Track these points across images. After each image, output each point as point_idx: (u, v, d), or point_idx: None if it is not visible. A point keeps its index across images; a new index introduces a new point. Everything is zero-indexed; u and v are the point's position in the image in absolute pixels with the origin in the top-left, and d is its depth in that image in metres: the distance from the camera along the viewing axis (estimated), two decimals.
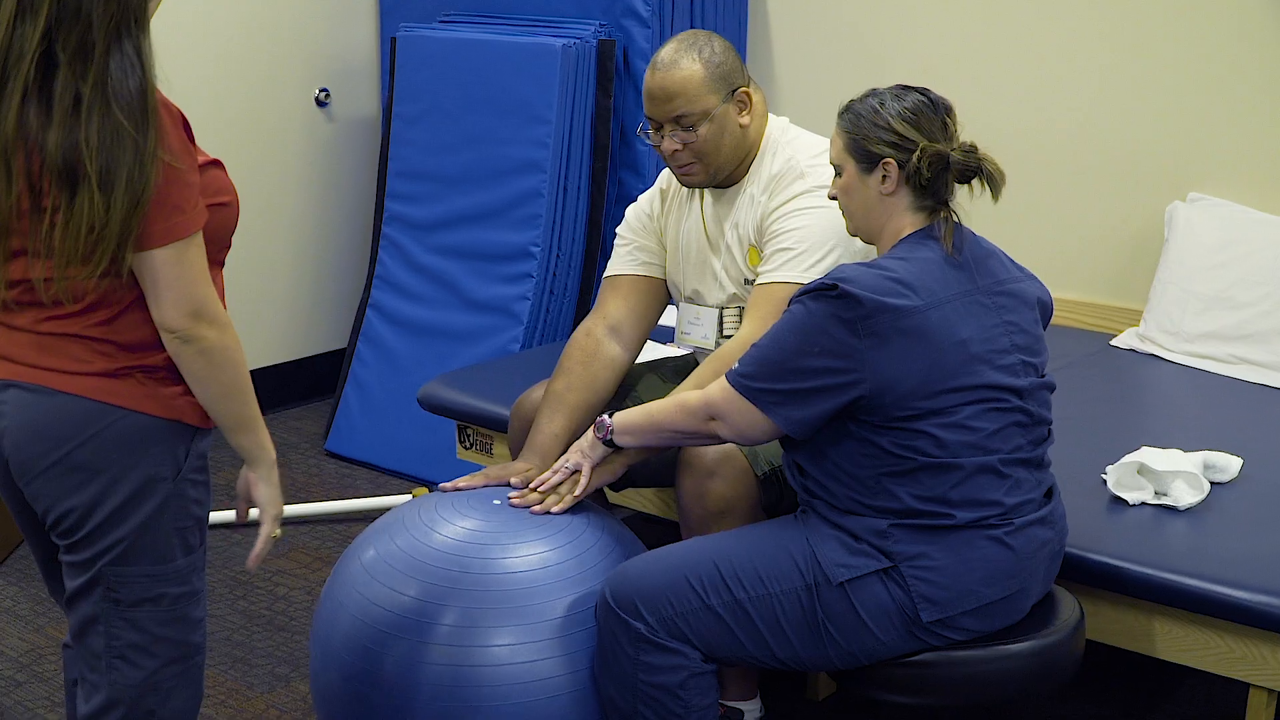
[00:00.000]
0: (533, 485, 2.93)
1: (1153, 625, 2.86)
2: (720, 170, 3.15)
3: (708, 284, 3.25)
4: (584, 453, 2.93)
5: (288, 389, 5.57)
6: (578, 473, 2.93)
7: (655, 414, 2.82)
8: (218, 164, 2.31)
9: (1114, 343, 4.30)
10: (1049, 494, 2.73)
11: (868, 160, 2.66)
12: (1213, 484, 3.16)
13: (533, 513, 2.87)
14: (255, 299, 5.39)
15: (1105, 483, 3.16)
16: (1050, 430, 2.74)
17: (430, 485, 4.67)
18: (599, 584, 2.75)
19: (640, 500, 3.60)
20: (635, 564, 2.75)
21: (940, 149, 2.62)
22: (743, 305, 3.19)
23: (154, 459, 2.24)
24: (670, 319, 3.56)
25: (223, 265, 2.34)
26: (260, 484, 2.40)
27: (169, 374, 2.25)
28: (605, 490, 3.21)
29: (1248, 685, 2.80)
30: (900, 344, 2.53)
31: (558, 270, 4.81)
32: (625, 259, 3.36)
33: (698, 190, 3.26)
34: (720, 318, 3.25)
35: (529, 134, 4.77)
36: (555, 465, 2.96)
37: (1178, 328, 4.14)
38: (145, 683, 2.32)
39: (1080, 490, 3.13)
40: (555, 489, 2.92)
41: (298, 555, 4.25)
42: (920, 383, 2.54)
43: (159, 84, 2.16)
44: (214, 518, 4.30)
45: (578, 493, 2.90)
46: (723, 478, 2.94)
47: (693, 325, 3.32)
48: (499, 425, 3.73)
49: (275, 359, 5.52)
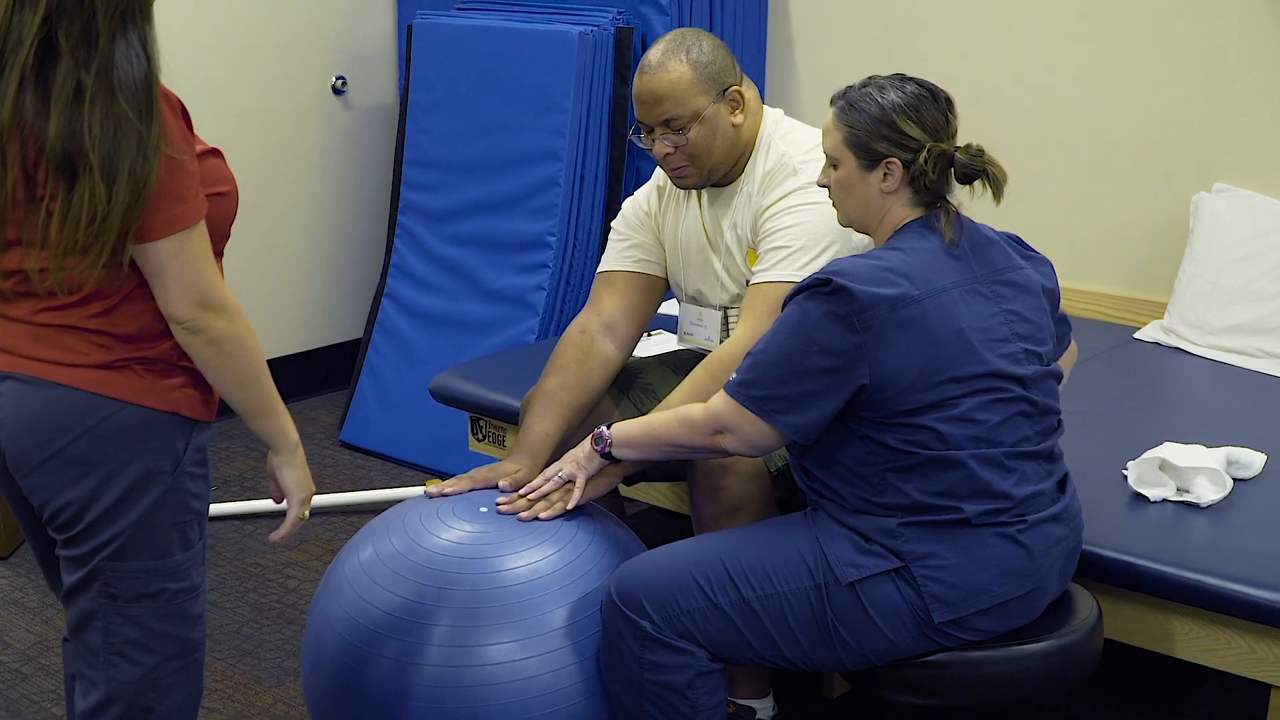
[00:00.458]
0: (523, 492, 2.86)
1: (1173, 625, 2.82)
2: (715, 171, 3.09)
3: (710, 284, 3.20)
4: (579, 464, 2.85)
5: (303, 379, 5.54)
6: (571, 483, 2.86)
7: (657, 428, 2.75)
8: (216, 153, 2.27)
9: (1137, 335, 4.26)
10: (1062, 488, 2.69)
11: (870, 157, 2.62)
12: (1236, 480, 3.12)
13: (520, 519, 2.80)
14: (271, 288, 5.38)
15: (1126, 479, 3.12)
16: (1060, 421, 2.70)
17: (445, 478, 4.63)
18: (596, 589, 2.70)
19: (654, 494, 3.57)
20: (641, 561, 2.71)
21: (945, 149, 2.59)
22: None
23: (152, 452, 2.21)
24: (672, 308, 3.51)
25: (222, 255, 2.31)
26: (285, 468, 2.39)
27: (167, 366, 2.22)
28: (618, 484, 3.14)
29: (1270, 687, 2.75)
30: (899, 336, 2.50)
31: (574, 260, 4.77)
32: (621, 255, 3.29)
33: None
34: (725, 319, 3.19)
35: (546, 122, 4.73)
36: (548, 473, 2.88)
37: (1202, 321, 4.09)
38: (143, 679, 2.29)
39: (1101, 486, 3.10)
40: (546, 497, 2.85)
41: (310, 548, 4.22)
42: (920, 374, 2.51)
43: (161, 74, 2.13)
44: (226, 509, 4.29)
45: (570, 505, 2.82)
46: (736, 474, 2.91)
47: (696, 326, 3.26)
48: (511, 417, 3.70)
49: (291, 349, 5.50)
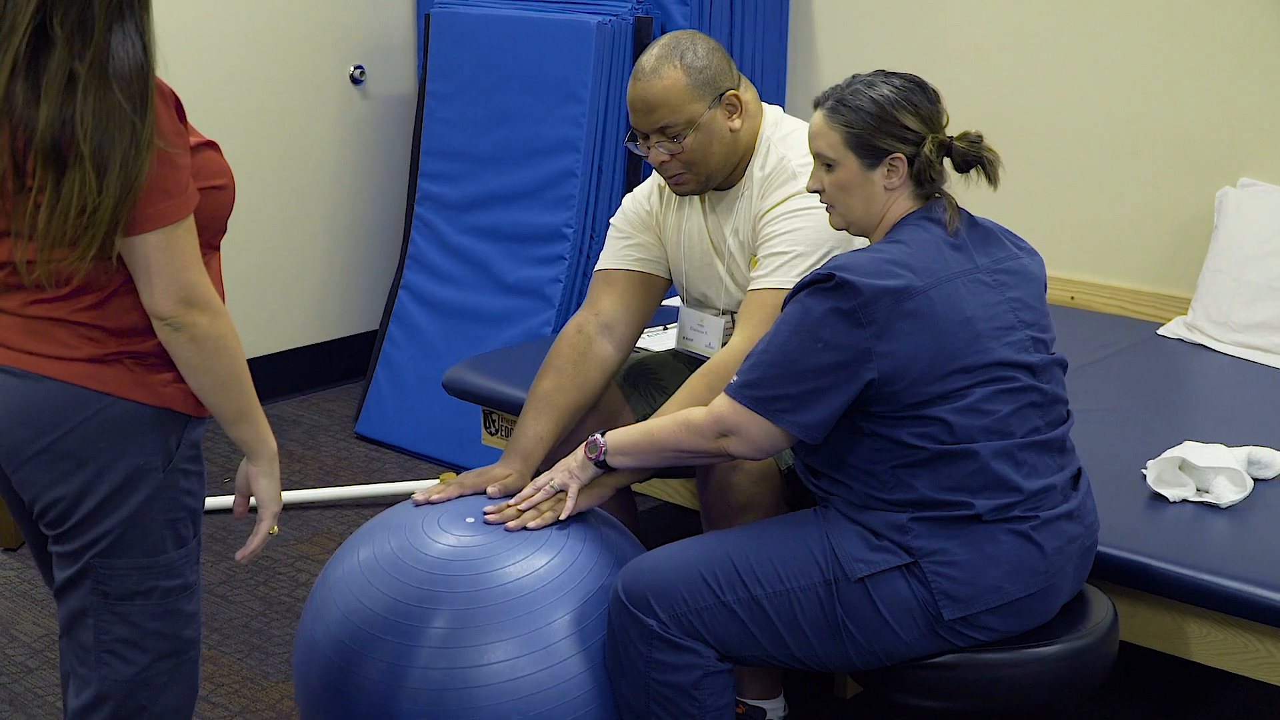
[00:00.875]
0: (513, 502, 2.78)
1: (1190, 628, 2.78)
2: (713, 177, 3.02)
3: (714, 288, 3.14)
4: (572, 473, 2.77)
5: (319, 371, 5.52)
6: (563, 492, 2.78)
7: (656, 433, 2.69)
8: (212, 145, 2.23)
9: (1161, 331, 4.20)
10: (1075, 484, 2.65)
11: (873, 155, 2.58)
12: (1257, 481, 3.06)
13: (508, 529, 2.71)
14: (287, 279, 5.36)
15: (1145, 478, 3.07)
16: (1069, 411, 2.66)
17: (459, 471, 4.60)
18: (593, 594, 2.65)
19: (667, 491, 3.53)
20: (649, 558, 2.67)
21: (944, 139, 2.58)
22: None
23: (143, 448, 2.17)
24: (676, 300, 3.45)
25: (218, 249, 2.27)
26: (261, 478, 2.32)
27: (158, 360, 2.18)
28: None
29: None
30: (904, 327, 2.47)
31: (591, 253, 4.72)
32: (621, 253, 3.21)
33: None
34: (728, 325, 3.12)
35: (563, 113, 4.69)
36: (538, 482, 2.80)
37: (1226, 317, 4.03)
38: (136, 678, 2.25)
39: (1119, 486, 3.06)
40: (536, 506, 2.76)
41: (322, 540, 4.19)
42: (929, 366, 2.47)
43: (157, 66, 2.09)
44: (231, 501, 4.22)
45: (562, 515, 2.73)
46: (746, 472, 2.87)
47: (696, 332, 3.20)
48: None
49: (307, 340, 5.48)
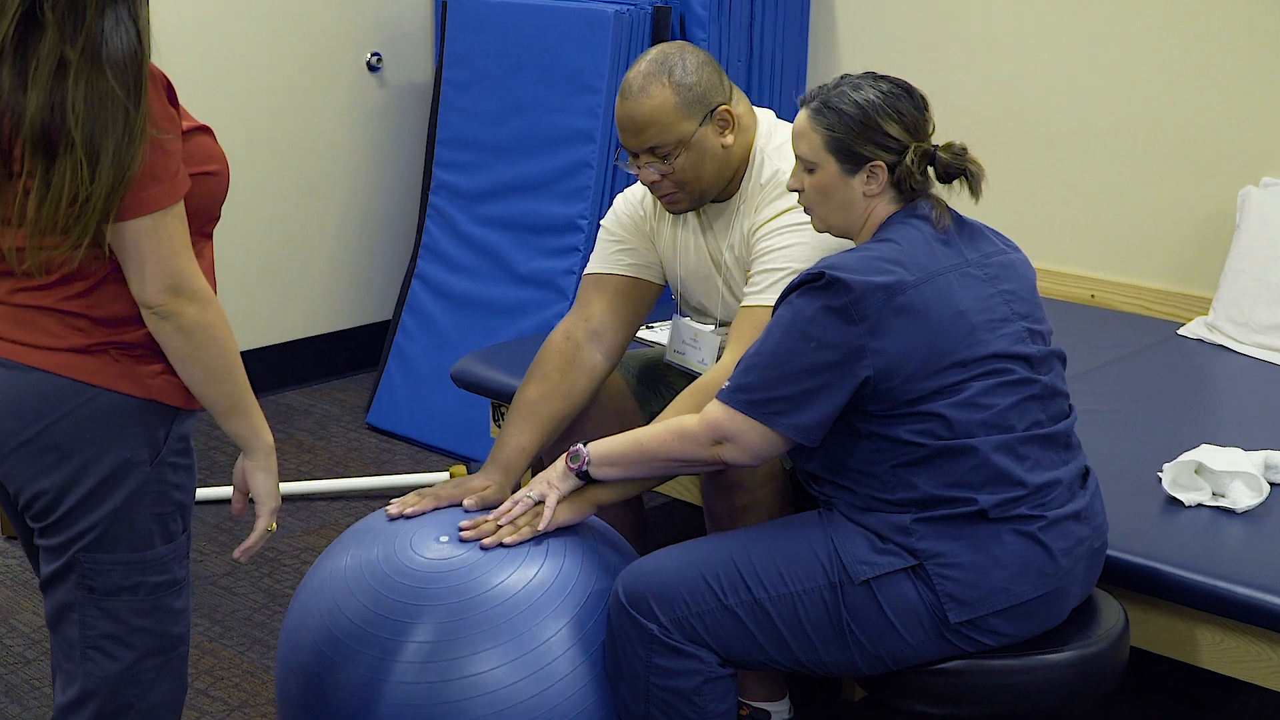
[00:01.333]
0: (490, 516, 2.66)
1: (1203, 635, 2.73)
2: (706, 195, 2.93)
3: (712, 299, 3.06)
4: (551, 484, 2.66)
5: (331, 360, 5.49)
6: (541, 504, 2.66)
7: (646, 443, 2.61)
8: (206, 130, 2.19)
9: (1181, 332, 4.15)
10: (1083, 483, 2.61)
11: (853, 161, 2.56)
12: (1274, 485, 3.02)
13: (483, 547, 2.59)
14: (300, 267, 5.32)
15: (1160, 482, 3.02)
16: (1071, 406, 2.62)
17: (470, 464, 4.56)
18: (584, 602, 2.58)
19: (677, 488, 3.48)
20: (650, 561, 2.62)
21: (928, 149, 2.56)
22: None
23: (130, 441, 2.13)
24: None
25: (211, 238, 2.23)
26: (258, 473, 2.27)
27: (147, 351, 2.13)
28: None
29: None
30: (898, 323, 2.43)
31: None
32: (612, 257, 3.11)
33: None
34: (722, 344, 3.02)
35: (579, 103, 4.64)
36: (517, 495, 2.69)
37: (1248, 318, 3.97)
38: (122, 675, 2.21)
39: (1134, 489, 3.02)
40: (514, 521, 2.65)
41: (329, 532, 4.16)
42: (924, 361, 2.44)
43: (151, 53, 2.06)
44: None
45: (540, 528, 2.62)
46: (751, 472, 2.81)
47: (689, 347, 3.12)
48: None
49: (319, 329, 5.45)
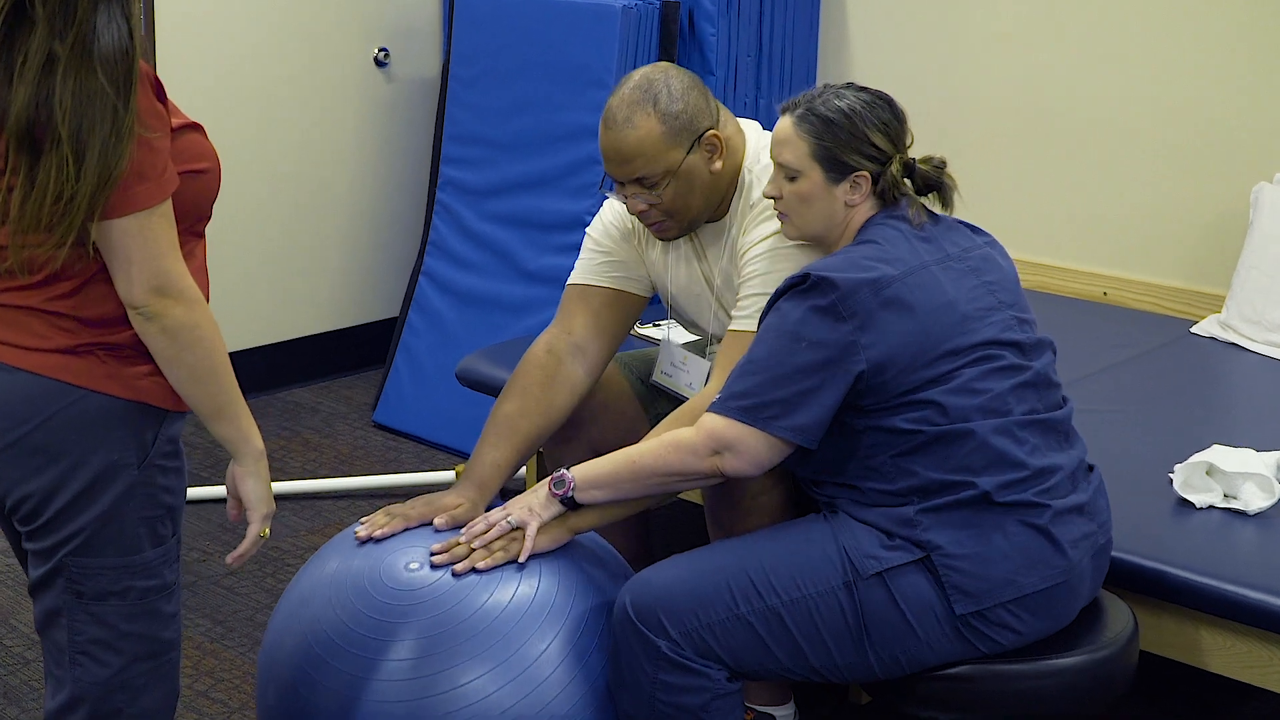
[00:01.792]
0: (462, 537, 2.56)
1: (1214, 639, 2.70)
2: (696, 221, 2.87)
3: (706, 318, 3.00)
4: (533, 510, 2.57)
5: (338, 357, 5.46)
6: (520, 529, 2.56)
7: (639, 459, 2.54)
8: (196, 127, 2.15)
9: (1194, 330, 4.11)
10: (1086, 476, 2.59)
11: (839, 170, 2.57)
12: None
13: (455, 573, 2.48)
14: (307, 264, 5.30)
15: (1172, 483, 2.99)
16: (1066, 397, 2.62)
17: None
18: (575, 617, 2.51)
19: None
20: (657, 571, 2.55)
21: (908, 160, 2.59)
22: None
23: (116, 443, 2.09)
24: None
25: (203, 236, 2.20)
26: (248, 479, 2.22)
27: (133, 352, 2.10)
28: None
29: None
30: (886, 316, 2.43)
31: None
32: (598, 268, 3.01)
33: None
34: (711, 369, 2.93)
35: (587, 99, 4.60)
36: (492, 518, 2.58)
37: (1261, 316, 3.93)
38: (111, 680, 2.18)
39: (1145, 490, 3.00)
40: (488, 545, 2.55)
41: (332, 531, 4.12)
42: (916, 352, 2.44)
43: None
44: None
45: (521, 557, 2.52)
46: (753, 475, 2.75)
47: (677, 370, 3.05)
48: None
49: (326, 326, 5.42)
